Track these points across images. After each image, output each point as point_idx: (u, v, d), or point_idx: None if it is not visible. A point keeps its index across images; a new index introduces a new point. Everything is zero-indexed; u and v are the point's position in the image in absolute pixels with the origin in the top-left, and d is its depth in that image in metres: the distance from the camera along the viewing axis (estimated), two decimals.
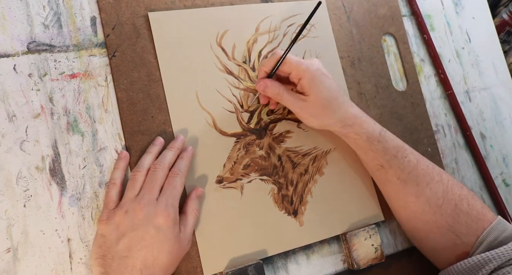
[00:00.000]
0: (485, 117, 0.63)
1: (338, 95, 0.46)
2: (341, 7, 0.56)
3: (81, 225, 0.41)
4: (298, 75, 0.45)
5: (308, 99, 0.45)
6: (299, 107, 0.46)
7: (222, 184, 0.46)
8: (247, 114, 0.49)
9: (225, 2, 0.50)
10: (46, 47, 0.43)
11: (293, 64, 0.45)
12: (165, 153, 0.43)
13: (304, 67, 0.45)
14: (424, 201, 0.45)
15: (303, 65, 0.45)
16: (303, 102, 0.45)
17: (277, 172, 0.48)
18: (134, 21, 0.46)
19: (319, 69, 0.45)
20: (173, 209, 0.39)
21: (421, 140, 0.56)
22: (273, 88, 0.45)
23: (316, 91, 0.45)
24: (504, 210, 0.59)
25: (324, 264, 0.49)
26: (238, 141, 0.47)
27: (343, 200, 0.50)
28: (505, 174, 0.62)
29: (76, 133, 0.43)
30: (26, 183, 0.40)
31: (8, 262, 0.38)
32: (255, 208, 0.46)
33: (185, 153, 0.44)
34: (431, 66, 0.61)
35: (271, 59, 0.45)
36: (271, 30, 0.51)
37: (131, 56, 0.45)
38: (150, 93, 0.45)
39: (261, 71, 0.46)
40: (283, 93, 0.45)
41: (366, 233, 0.49)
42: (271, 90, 0.45)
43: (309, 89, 0.45)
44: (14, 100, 0.41)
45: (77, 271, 0.40)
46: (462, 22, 0.65)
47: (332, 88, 0.46)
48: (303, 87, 0.45)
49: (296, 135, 0.50)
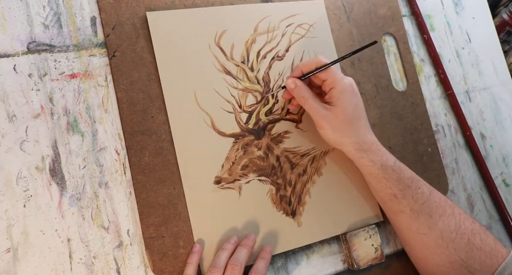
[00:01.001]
0: (485, 117, 0.63)
1: (361, 116, 0.46)
2: (341, 7, 0.56)
3: (81, 225, 0.41)
4: (331, 84, 0.45)
5: (333, 110, 0.45)
6: (321, 116, 0.45)
7: (220, 185, 0.46)
8: (245, 115, 0.49)
9: (225, 1, 0.50)
10: (46, 47, 0.43)
11: (331, 72, 0.45)
12: (240, 251, 0.43)
13: (339, 78, 0.45)
14: (438, 233, 0.44)
15: (339, 76, 0.45)
16: (326, 112, 0.45)
17: (275, 173, 0.48)
18: (134, 21, 0.46)
19: (352, 86, 0.46)
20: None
21: (421, 140, 0.56)
22: (301, 90, 0.45)
23: (343, 105, 0.45)
24: (504, 210, 0.59)
25: (324, 264, 0.49)
26: (236, 141, 0.47)
27: (342, 200, 0.50)
28: (505, 174, 0.62)
29: (76, 133, 0.43)
30: (26, 183, 0.40)
31: (8, 262, 0.38)
32: (253, 209, 0.46)
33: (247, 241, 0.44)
34: (431, 66, 0.61)
35: (312, 63, 0.45)
36: (269, 30, 0.51)
37: (131, 56, 0.45)
38: (150, 93, 0.45)
39: (297, 70, 0.46)
40: (309, 98, 0.45)
41: (366, 233, 0.49)
42: (299, 91, 0.45)
43: (337, 101, 0.45)
44: (14, 100, 0.41)
45: (77, 271, 0.40)
46: (462, 22, 0.65)
47: (359, 108, 0.46)
48: (332, 97, 0.45)
49: (295, 136, 0.50)
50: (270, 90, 0.50)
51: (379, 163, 0.45)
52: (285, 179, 0.48)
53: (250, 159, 0.47)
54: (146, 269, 0.42)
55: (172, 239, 0.43)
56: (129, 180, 0.44)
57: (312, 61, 0.46)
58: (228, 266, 0.41)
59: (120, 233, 0.42)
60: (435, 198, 0.45)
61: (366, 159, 0.45)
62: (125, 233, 0.42)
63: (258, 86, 0.50)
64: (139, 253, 0.43)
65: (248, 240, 0.44)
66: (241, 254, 0.42)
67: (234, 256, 0.42)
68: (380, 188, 0.46)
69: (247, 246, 0.43)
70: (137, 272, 0.42)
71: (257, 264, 0.43)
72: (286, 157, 0.49)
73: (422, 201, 0.45)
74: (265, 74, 0.50)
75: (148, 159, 0.44)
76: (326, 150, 0.51)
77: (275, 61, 0.51)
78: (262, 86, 0.50)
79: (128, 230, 0.43)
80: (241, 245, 0.44)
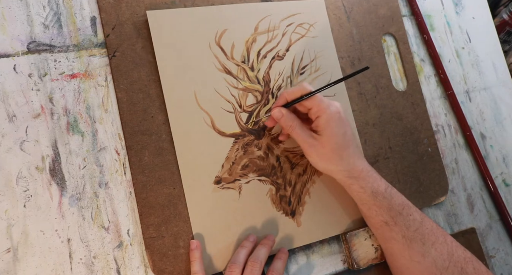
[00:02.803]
0: (485, 117, 0.63)
1: (350, 144, 0.45)
2: (341, 7, 0.56)
3: (81, 225, 0.41)
4: (317, 113, 0.44)
5: (320, 139, 0.44)
6: (308, 144, 0.44)
7: (220, 185, 0.46)
8: (245, 115, 0.49)
9: (225, 1, 0.50)
10: (46, 47, 0.43)
11: (316, 101, 0.44)
12: (260, 249, 0.43)
13: (324, 106, 0.44)
14: (431, 261, 0.43)
15: (324, 104, 0.44)
16: (313, 141, 0.44)
17: (275, 173, 0.48)
18: (134, 21, 0.46)
19: (339, 113, 0.44)
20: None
21: (421, 140, 0.56)
22: (288, 119, 0.45)
23: (329, 134, 0.44)
24: (504, 210, 0.59)
25: (324, 264, 0.49)
26: (237, 141, 0.47)
27: (342, 200, 0.50)
28: (505, 174, 0.62)
29: (76, 133, 0.43)
30: (26, 183, 0.40)
31: (8, 262, 0.38)
32: (253, 209, 0.46)
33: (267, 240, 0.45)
34: (431, 66, 0.61)
35: (297, 90, 0.44)
36: (270, 30, 0.51)
37: (131, 56, 0.45)
38: (150, 93, 0.45)
39: (282, 98, 0.45)
40: (296, 127, 0.44)
41: (366, 233, 0.49)
42: (285, 120, 0.45)
43: (323, 130, 0.44)
44: (14, 100, 0.41)
45: (77, 271, 0.40)
46: (462, 22, 0.65)
47: (347, 136, 0.45)
48: (318, 126, 0.44)
49: None
50: (261, 118, 0.49)
51: (369, 190, 0.45)
52: (285, 179, 0.48)
53: (250, 158, 0.47)
54: (146, 269, 0.42)
55: (172, 239, 0.43)
56: (129, 180, 0.44)
57: (297, 89, 0.44)
58: (248, 263, 0.41)
59: (120, 233, 0.42)
60: (427, 225, 0.45)
61: (356, 186, 0.45)
62: (125, 233, 0.42)
63: (258, 86, 0.50)
64: (139, 253, 0.43)
65: (268, 240, 0.44)
66: (261, 253, 0.42)
67: (254, 254, 0.42)
68: (371, 215, 0.45)
69: (267, 245, 0.43)
70: (137, 272, 0.42)
71: (274, 264, 0.43)
72: (286, 157, 0.49)
73: (415, 228, 0.44)
74: (266, 73, 0.50)
75: (148, 159, 0.44)
76: None
77: (275, 60, 0.51)
78: (263, 86, 0.50)
79: (128, 230, 0.43)
80: (261, 244, 0.44)
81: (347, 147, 0.45)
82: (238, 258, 0.42)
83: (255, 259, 0.41)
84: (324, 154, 0.44)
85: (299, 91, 0.44)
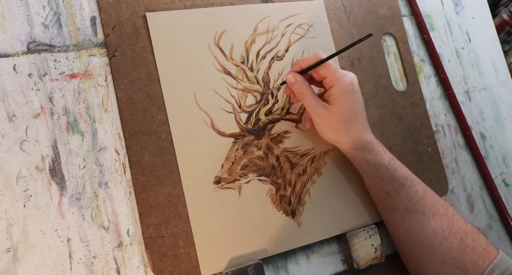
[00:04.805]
0: (485, 117, 0.63)
1: (358, 117, 0.46)
2: (341, 7, 0.56)
3: (81, 225, 0.41)
4: (331, 82, 0.44)
5: (331, 109, 0.44)
6: (318, 113, 0.45)
7: (220, 185, 0.46)
8: (245, 115, 0.49)
9: (225, 2, 0.50)
10: (46, 47, 0.43)
11: (331, 70, 0.44)
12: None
13: (339, 76, 0.44)
14: (431, 231, 0.44)
15: (339, 74, 0.44)
16: (324, 110, 0.44)
17: (275, 173, 0.48)
18: (134, 21, 0.46)
19: (352, 84, 0.45)
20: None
21: (421, 140, 0.56)
22: (300, 86, 0.45)
23: (341, 104, 0.44)
24: (504, 210, 0.59)
25: (324, 264, 0.49)
26: (236, 141, 0.47)
27: (342, 200, 0.50)
28: (505, 174, 0.62)
29: (76, 133, 0.43)
30: (26, 183, 0.40)
31: (8, 262, 0.38)
32: (253, 209, 0.46)
33: None
34: (431, 66, 0.61)
35: (312, 58, 0.45)
36: (269, 30, 0.51)
37: (131, 56, 0.45)
38: (150, 93, 0.45)
39: (297, 65, 0.46)
40: (308, 95, 0.45)
41: (366, 233, 0.49)
42: (298, 86, 0.45)
43: (335, 100, 0.44)
44: (14, 100, 0.41)
45: (77, 271, 0.40)
46: (462, 22, 0.65)
47: (357, 108, 0.45)
48: (331, 96, 0.44)
49: (294, 136, 0.50)
50: (272, 87, 0.49)
51: (373, 162, 0.45)
52: (285, 179, 0.48)
53: (250, 158, 0.47)
54: (146, 269, 0.42)
55: (172, 239, 0.43)
56: (129, 179, 0.44)
57: (311, 57, 0.45)
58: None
59: (120, 233, 0.42)
60: (429, 197, 0.45)
61: (361, 158, 0.46)
62: (125, 233, 0.42)
63: (258, 86, 0.50)
64: (139, 253, 0.43)
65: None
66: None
67: None
68: (374, 186, 0.47)
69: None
70: (137, 272, 0.42)
71: None
72: (286, 157, 0.49)
73: (416, 199, 0.45)
74: (265, 74, 0.50)
75: (148, 158, 0.44)
76: (326, 149, 0.51)
77: (274, 61, 0.51)
78: (262, 86, 0.50)
79: (128, 230, 0.43)
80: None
81: (356, 119, 0.45)
82: None
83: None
84: (333, 124, 0.45)
85: (314, 58, 0.45)
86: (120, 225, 0.42)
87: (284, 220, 0.47)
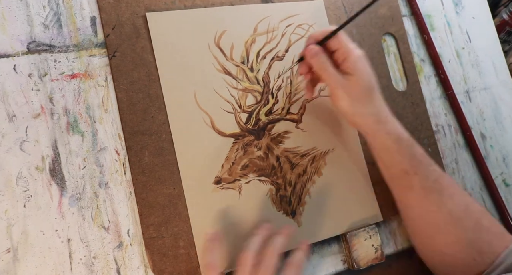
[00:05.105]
0: (485, 117, 0.63)
1: (376, 86, 0.44)
2: (341, 7, 0.56)
3: (81, 225, 0.41)
4: (344, 54, 0.43)
5: (352, 78, 0.43)
6: (341, 85, 0.43)
7: (220, 185, 0.46)
8: (245, 115, 0.49)
9: (225, 2, 0.50)
10: (46, 47, 0.43)
11: (343, 41, 0.43)
12: (277, 238, 0.41)
13: (353, 46, 0.43)
14: (447, 212, 0.43)
15: (352, 45, 0.43)
16: (346, 81, 0.43)
17: (275, 173, 0.48)
18: (134, 21, 0.46)
19: (364, 56, 0.44)
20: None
21: (421, 140, 0.56)
22: (322, 57, 0.43)
23: (361, 73, 0.43)
24: (504, 210, 0.59)
25: (324, 264, 0.49)
26: (236, 142, 0.47)
27: (342, 200, 0.50)
28: (505, 174, 0.62)
29: (76, 133, 0.43)
30: (26, 183, 0.40)
31: (8, 262, 0.38)
32: (253, 209, 0.46)
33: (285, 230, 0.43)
34: (431, 66, 0.61)
35: (324, 30, 0.44)
36: (269, 31, 0.51)
37: (131, 56, 0.45)
38: (150, 93, 0.45)
39: (311, 39, 0.45)
40: (329, 66, 0.43)
41: (366, 233, 0.49)
42: (320, 58, 0.43)
43: (354, 70, 0.43)
44: (14, 100, 0.41)
45: (77, 271, 0.40)
46: (462, 22, 0.65)
47: (373, 77, 0.44)
48: (348, 67, 0.43)
49: (295, 136, 0.50)
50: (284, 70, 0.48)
51: (395, 135, 0.44)
52: (285, 179, 0.48)
53: (250, 159, 0.47)
54: (146, 269, 0.42)
55: (172, 239, 0.43)
56: (129, 180, 0.44)
57: (324, 29, 0.44)
58: (264, 251, 0.40)
59: (120, 233, 0.42)
60: (445, 177, 0.45)
61: (383, 131, 0.44)
62: (125, 233, 0.42)
63: (258, 87, 0.50)
64: (139, 253, 0.43)
65: (286, 229, 0.43)
66: (278, 241, 0.41)
67: (271, 242, 0.41)
68: (393, 163, 0.45)
69: (285, 235, 0.42)
70: (137, 272, 0.42)
71: (295, 255, 0.41)
72: (286, 157, 0.49)
73: (434, 178, 0.44)
74: (265, 74, 0.50)
75: (148, 159, 0.44)
76: (326, 150, 0.51)
77: (274, 61, 0.51)
78: (262, 86, 0.50)
79: (128, 230, 0.43)
80: (278, 233, 0.42)
81: (375, 88, 0.44)
82: (252, 245, 0.40)
83: (272, 247, 0.40)
84: (357, 94, 0.43)
85: (327, 30, 0.44)
86: (120, 225, 0.42)
87: (284, 220, 0.47)
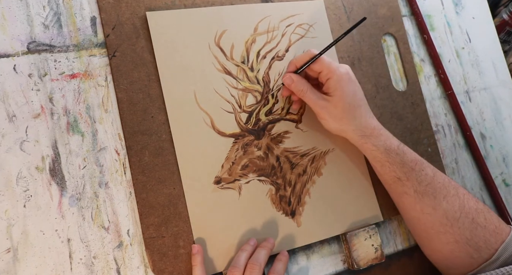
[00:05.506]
0: (485, 117, 0.63)
1: (361, 104, 0.47)
2: (341, 7, 0.56)
3: (81, 225, 0.41)
4: (327, 75, 0.46)
5: (331, 100, 0.46)
6: (320, 106, 0.46)
7: (220, 185, 0.46)
8: (245, 115, 0.49)
9: (225, 1, 0.50)
10: (46, 47, 0.43)
11: (325, 64, 0.46)
12: (259, 251, 0.43)
13: (334, 68, 0.45)
14: (442, 213, 0.44)
15: (334, 66, 0.46)
16: (325, 102, 0.46)
17: (275, 173, 0.48)
18: (134, 21, 0.46)
19: (348, 74, 0.46)
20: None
21: (421, 140, 0.56)
22: (299, 84, 0.46)
23: (341, 94, 0.45)
24: (504, 210, 0.59)
25: (324, 264, 0.49)
26: (236, 141, 0.47)
27: (342, 200, 0.50)
28: (505, 174, 0.62)
29: (76, 133, 0.43)
30: (26, 183, 0.40)
31: (8, 262, 0.38)
32: (253, 209, 0.46)
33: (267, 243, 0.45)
34: (431, 66, 0.61)
35: (304, 56, 0.46)
36: (269, 30, 0.51)
37: (131, 56, 0.45)
38: (150, 93, 0.45)
39: (291, 65, 0.47)
40: (307, 91, 0.46)
41: (366, 233, 0.49)
42: (296, 85, 0.46)
43: (334, 91, 0.45)
44: (14, 100, 0.41)
45: (77, 271, 0.40)
46: (462, 22, 0.65)
47: (357, 96, 0.46)
48: (329, 88, 0.46)
49: (295, 136, 0.50)
50: (270, 90, 0.50)
51: (382, 147, 0.46)
52: (284, 179, 0.48)
53: (250, 159, 0.47)
54: (146, 269, 0.42)
55: (172, 239, 0.43)
56: (129, 180, 0.44)
57: (303, 54, 0.46)
58: (248, 265, 0.42)
59: (120, 233, 0.42)
60: (439, 179, 0.46)
61: (370, 144, 0.46)
62: (125, 233, 0.42)
63: (258, 86, 0.50)
64: (139, 253, 0.43)
65: (268, 242, 0.45)
66: (260, 255, 0.43)
67: (254, 256, 0.42)
68: (384, 171, 0.47)
69: (266, 248, 0.44)
70: (137, 272, 0.42)
71: (275, 266, 0.43)
72: (286, 157, 0.49)
73: (426, 182, 0.45)
74: (265, 74, 0.50)
75: (148, 159, 0.44)
76: (326, 150, 0.51)
77: (275, 61, 0.51)
78: (262, 86, 0.50)
79: (128, 230, 0.43)
80: (261, 246, 0.44)
81: (359, 106, 0.46)
82: (239, 261, 0.42)
83: (255, 261, 0.42)
84: (337, 114, 0.46)
85: (307, 56, 0.46)
86: (120, 225, 0.42)
87: (284, 220, 0.47)
